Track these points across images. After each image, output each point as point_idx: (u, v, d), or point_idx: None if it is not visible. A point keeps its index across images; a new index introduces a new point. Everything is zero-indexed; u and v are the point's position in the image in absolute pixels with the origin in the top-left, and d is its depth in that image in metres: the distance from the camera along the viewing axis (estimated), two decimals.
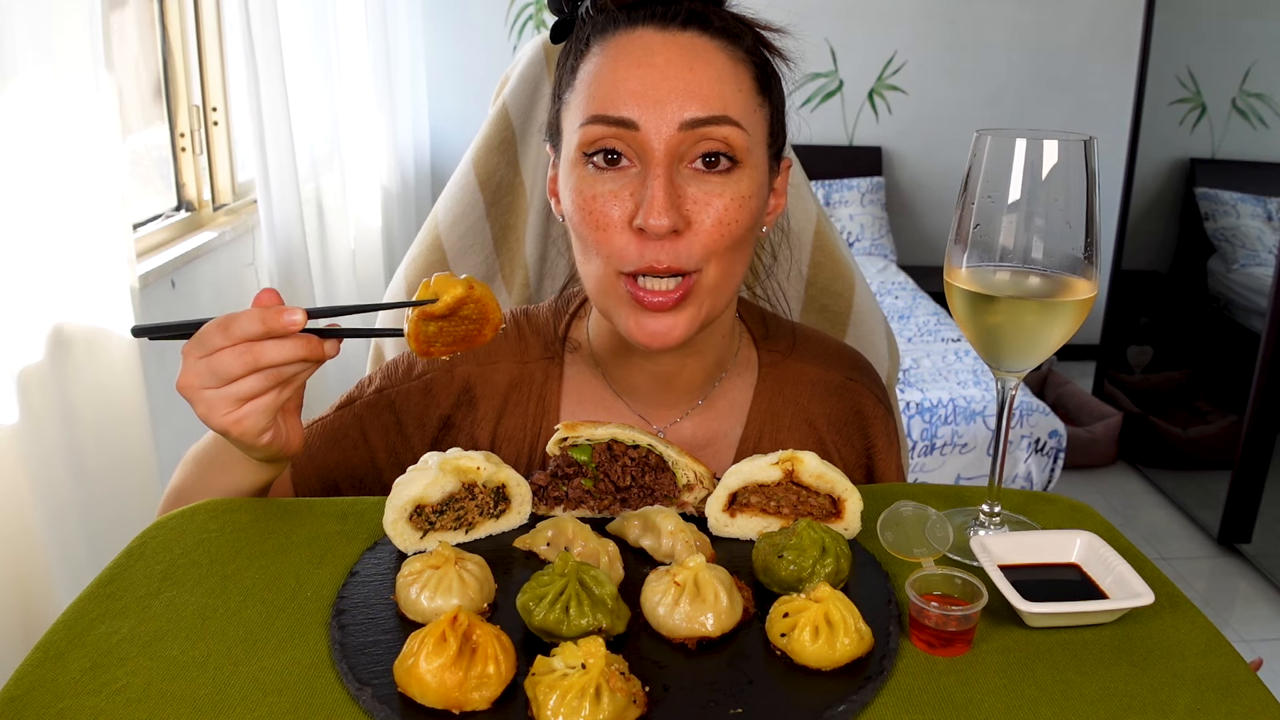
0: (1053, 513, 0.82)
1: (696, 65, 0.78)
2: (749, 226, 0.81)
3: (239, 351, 0.69)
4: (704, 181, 0.79)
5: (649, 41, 0.79)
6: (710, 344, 0.91)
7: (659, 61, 0.78)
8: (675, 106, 0.77)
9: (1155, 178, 3.70)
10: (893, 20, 4.36)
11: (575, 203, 0.81)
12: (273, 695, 0.58)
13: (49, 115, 1.40)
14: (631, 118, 0.77)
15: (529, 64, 1.21)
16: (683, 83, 0.77)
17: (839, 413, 0.97)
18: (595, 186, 0.79)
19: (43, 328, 1.41)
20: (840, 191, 4.27)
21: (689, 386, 0.93)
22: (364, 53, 3.20)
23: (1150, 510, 3.38)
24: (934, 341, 3.37)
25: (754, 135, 0.81)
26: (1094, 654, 0.64)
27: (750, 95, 0.81)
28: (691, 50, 0.79)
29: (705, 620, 0.62)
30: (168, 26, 2.38)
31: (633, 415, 0.94)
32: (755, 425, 0.95)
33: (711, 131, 0.78)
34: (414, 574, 0.65)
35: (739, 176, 0.80)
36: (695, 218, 0.78)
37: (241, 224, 2.51)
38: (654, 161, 0.77)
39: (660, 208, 0.76)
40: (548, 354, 0.95)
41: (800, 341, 0.99)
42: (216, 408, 0.71)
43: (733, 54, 0.80)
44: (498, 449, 0.93)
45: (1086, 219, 0.69)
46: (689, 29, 0.80)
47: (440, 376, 0.93)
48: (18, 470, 1.30)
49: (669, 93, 0.77)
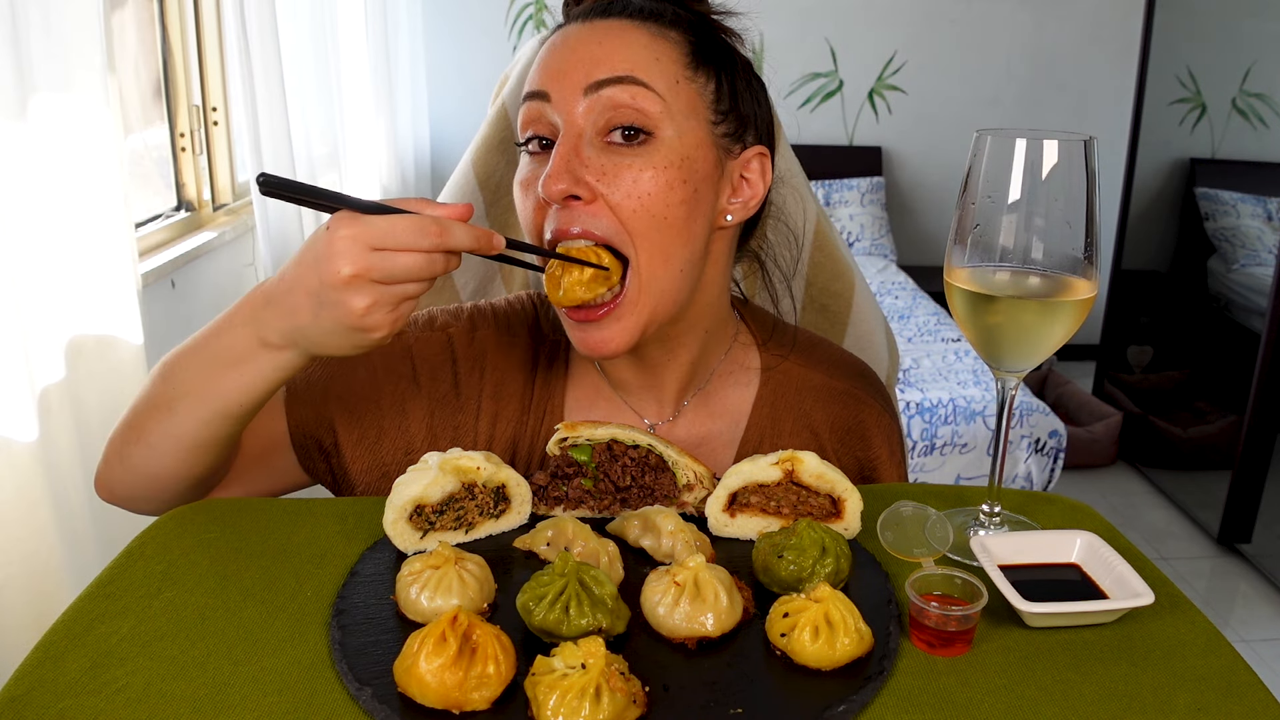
0: (1053, 513, 0.82)
1: (606, 40, 0.80)
2: (673, 202, 0.79)
3: (431, 260, 0.66)
4: (614, 153, 0.79)
5: (570, 31, 0.83)
6: (692, 336, 0.90)
7: (572, 42, 0.82)
8: (581, 74, 0.79)
9: (1155, 178, 3.70)
10: (893, 20, 4.36)
11: (515, 193, 0.84)
12: (273, 695, 0.58)
13: (58, 124, 1.40)
14: (543, 89, 0.80)
15: (529, 63, 1.21)
16: (589, 55, 0.80)
17: (842, 421, 0.96)
18: (526, 170, 0.83)
19: (58, 341, 1.40)
20: (840, 191, 4.27)
21: (677, 381, 0.93)
22: (364, 52, 3.20)
23: (1150, 510, 3.38)
24: (934, 341, 3.37)
25: (674, 104, 0.80)
26: (1094, 654, 0.64)
27: (673, 66, 0.81)
28: (605, 30, 0.81)
29: (705, 620, 0.62)
30: (168, 26, 2.38)
31: (627, 410, 0.94)
32: (756, 429, 0.94)
33: (616, 94, 0.78)
34: (414, 574, 0.65)
35: (652, 148, 0.79)
36: (604, 190, 0.78)
37: (241, 224, 2.51)
38: (561, 133, 0.79)
39: (554, 172, 0.77)
40: (556, 337, 0.95)
41: (805, 348, 0.99)
42: (381, 305, 0.67)
43: (654, 30, 0.82)
44: (498, 424, 0.92)
45: (1086, 219, 0.69)
46: (609, 17, 0.83)
47: (461, 336, 0.92)
48: (36, 483, 1.30)
49: (576, 63, 0.80)
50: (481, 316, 0.94)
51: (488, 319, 0.94)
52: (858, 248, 4.23)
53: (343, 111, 2.96)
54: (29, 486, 1.29)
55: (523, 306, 0.97)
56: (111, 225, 1.52)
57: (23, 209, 1.34)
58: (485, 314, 0.95)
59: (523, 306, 0.97)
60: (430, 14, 4.19)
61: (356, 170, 3.16)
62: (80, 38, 1.42)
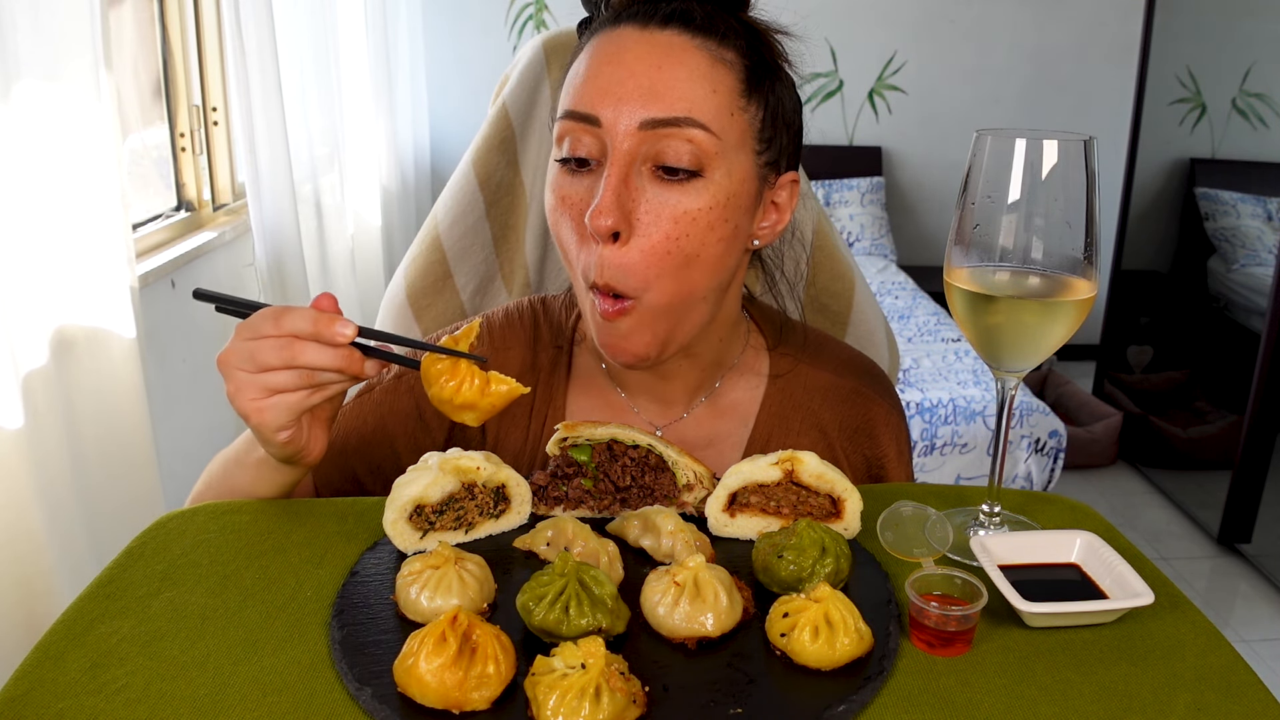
0: (1053, 513, 0.82)
1: (666, 64, 0.77)
2: (712, 240, 0.79)
3: (281, 344, 0.70)
4: (661, 186, 0.77)
5: (625, 39, 0.79)
6: (706, 345, 0.91)
7: (629, 59, 0.78)
8: (637, 105, 0.76)
9: (1155, 178, 3.70)
10: (893, 20, 4.36)
11: (549, 202, 0.82)
12: (273, 695, 0.58)
13: (49, 116, 1.40)
14: (594, 113, 0.77)
15: (529, 64, 1.21)
16: (649, 81, 0.76)
17: (850, 420, 0.96)
18: (565, 187, 0.80)
19: (44, 330, 1.41)
20: (840, 191, 4.27)
21: (686, 385, 0.93)
22: (364, 52, 3.20)
23: (1150, 510, 3.38)
24: (934, 341, 3.37)
25: (727, 140, 0.78)
26: (1094, 654, 0.64)
27: (729, 97, 0.79)
28: (665, 49, 0.78)
29: (705, 620, 0.62)
30: (167, 26, 2.38)
31: (633, 411, 0.94)
32: (764, 428, 0.94)
33: (671, 135, 0.76)
34: (414, 574, 0.65)
35: (700, 187, 0.78)
36: (645, 226, 0.77)
37: (241, 224, 2.51)
38: (610, 160, 0.77)
39: (605, 206, 0.75)
40: (557, 343, 0.95)
41: (813, 348, 0.99)
42: (245, 390, 0.72)
43: (714, 53, 0.79)
44: (503, 431, 0.93)
45: (1086, 219, 0.69)
46: (669, 27, 0.79)
47: None
48: (21, 472, 1.30)
49: (633, 90, 0.76)
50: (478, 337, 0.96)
51: (482, 337, 0.95)
52: (858, 248, 4.23)
53: (342, 111, 2.96)
54: (13, 476, 1.29)
55: (521, 315, 0.97)
56: (105, 218, 1.51)
57: (11, 198, 1.33)
58: (481, 332, 0.96)
59: (521, 315, 0.97)
60: (430, 14, 4.19)
61: (356, 170, 3.16)
62: (71, 28, 1.42)
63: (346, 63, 3.06)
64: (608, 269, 0.77)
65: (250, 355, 0.71)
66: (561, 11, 4.25)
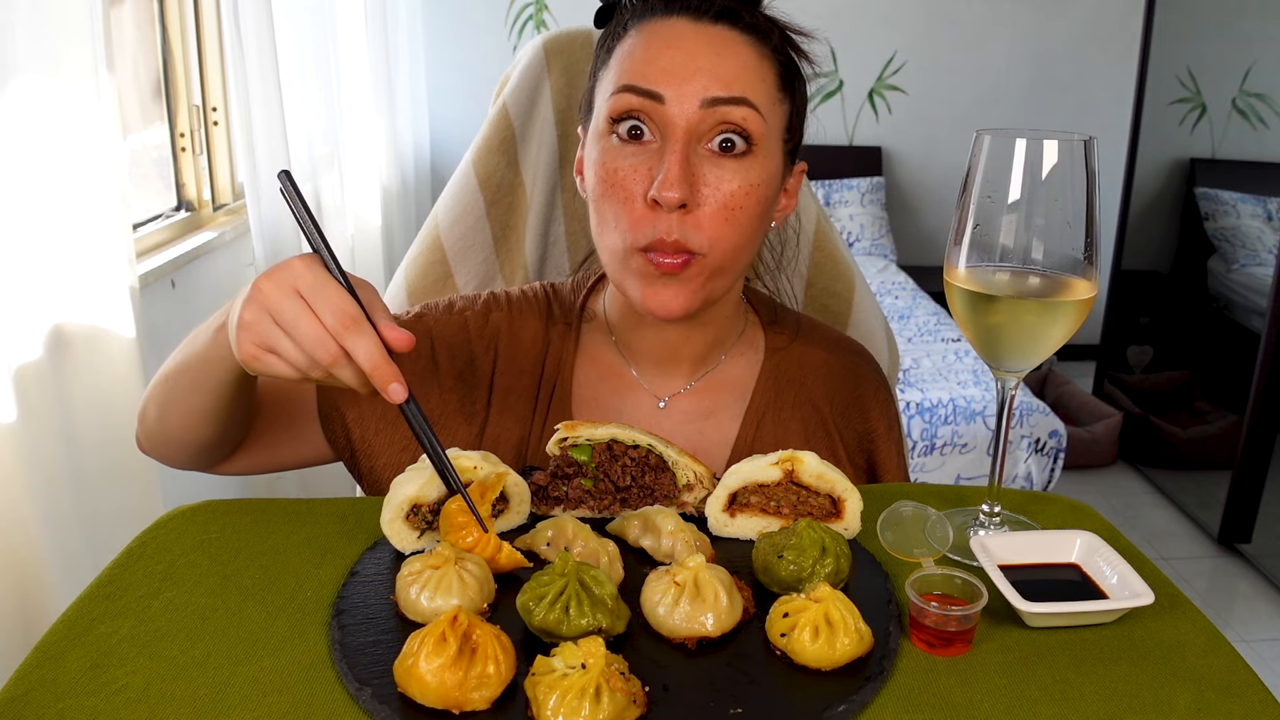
0: (1053, 513, 0.82)
1: (724, 53, 0.84)
2: (755, 215, 0.85)
3: (325, 343, 0.67)
4: (718, 164, 0.83)
5: (681, 29, 0.85)
6: (715, 319, 0.96)
7: (689, 45, 0.84)
8: (700, 84, 0.82)
9: (1155, 178, 3.70)
10: (893, 20, 4.36)
11: (598, 174, 0.85)
12: (273, 695, 0.58)
13: (49, 115, 1.40)
14: (659, 90, 0.82)
15: (529, 64, 1.22)
16: (709, 65, 0.83)
17: (841, 394, 1.00)
18: (618, 159, 0.84)
19: (42, 327, 1.41)
20: (840, 191, 4.27)
21: (692, 358, 0.97)
22: (364, 52, 3.20)
23: (1150, 510, 3.38)
24: (934, 341, 3.37)
25: (771, 126, 0.86)
26: (1094, 654, 0.64)
27: (772, 89, 0.86)
28: (720, 40, 0.84)
29: (705, 620, 0.62)
30: (167, 26, 2.38)
31: (637, 385, 0.97)
32: (760, 401, 0.98)
33: (730, 112, 0.82)
34: (414, 574, 0.65)
35: (751, 163, 0.84)
36: (704, 198, 0.83)
37: (241, 224, 2.50)
38: (673, 136, 0.82)
39: (673, 179, 0.80)
40: (567, 320, 0.99)
41: (806, 329, 1.04)
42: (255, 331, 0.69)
43: (759, 49, 0.86)
44: (511, 400, 0.95)
45: (1086, 219, 0.69)
46: (720, 22, 0.85)
47: (475, 319, 0.98)
48: (15, 469, 1.30)
49: (695, 72, 0.82)
50: (495, 302, 1.00)
51: (501, 304, 1.00)
52: (858, 248, 4.23)
53: (343, 112, 2.96)
54: (8, 471, 1.29)
55: (535, 295, 1.01)
56: (106, 218, 1.51)
57: (12, 198, 1.33)
58: (500, 300, 1.00)
59: (535, 295, 1.01)
60: (430, 14, 4.18)
61: (356, 170, 3.16)
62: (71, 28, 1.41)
63: (346, 63, 3.06)
64: (678, 228, 0.82)
65: (293, 320, 0.67)
66: (561, 11, 4.25)
